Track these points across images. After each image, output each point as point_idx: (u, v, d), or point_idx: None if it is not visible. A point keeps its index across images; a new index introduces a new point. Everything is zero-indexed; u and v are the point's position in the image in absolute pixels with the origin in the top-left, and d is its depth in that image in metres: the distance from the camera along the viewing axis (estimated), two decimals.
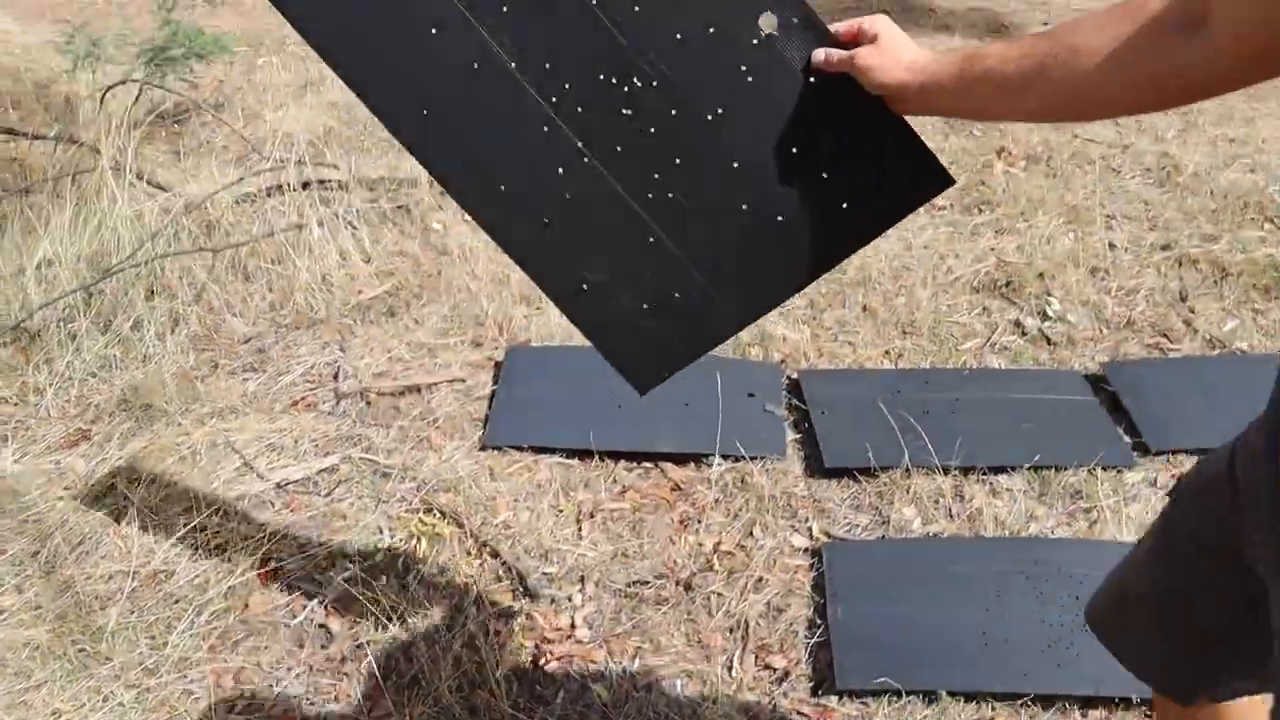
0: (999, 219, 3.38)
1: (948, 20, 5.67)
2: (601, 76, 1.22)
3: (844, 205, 1.26)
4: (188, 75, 4.34)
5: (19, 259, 3.13)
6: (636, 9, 1.20)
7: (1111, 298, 2.96)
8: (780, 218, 1.27)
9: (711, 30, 1.21)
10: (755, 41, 1.21)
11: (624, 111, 1.24)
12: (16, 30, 6.05)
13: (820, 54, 1.19)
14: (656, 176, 1.26)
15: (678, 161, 1.26)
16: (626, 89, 1.23)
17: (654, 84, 1.23)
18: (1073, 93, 0.97)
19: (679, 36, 1.21)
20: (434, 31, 1.20)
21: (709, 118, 1.24)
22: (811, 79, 1.21)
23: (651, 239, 1.29)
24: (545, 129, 1.24)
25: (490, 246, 3.29)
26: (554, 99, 1.23)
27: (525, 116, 1.24)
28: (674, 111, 1.24)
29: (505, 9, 1.20)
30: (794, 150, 1.24)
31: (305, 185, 3.40)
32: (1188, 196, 3.51)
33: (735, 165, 1.25)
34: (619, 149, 1.25)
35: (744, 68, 1.22)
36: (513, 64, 1.22)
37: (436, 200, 3.48)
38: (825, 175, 1.25)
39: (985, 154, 3.85)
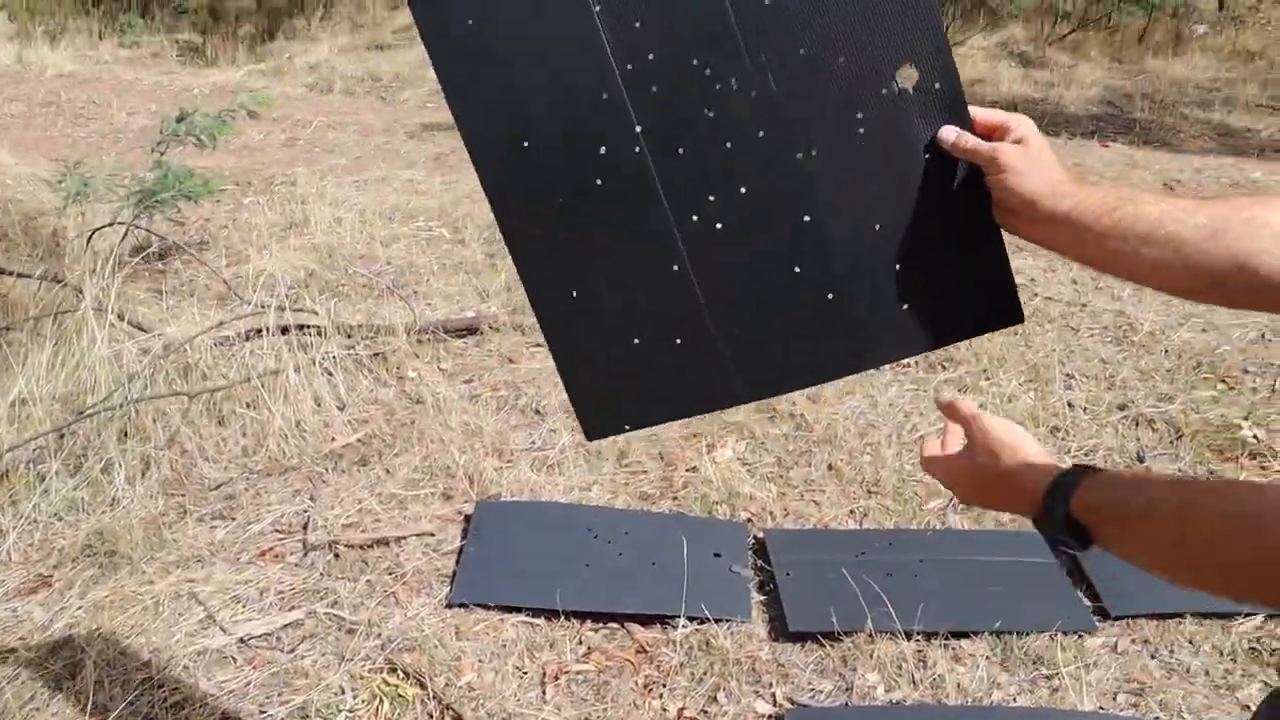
0: (962, 376, 3.47)
1: None
2: (695, 58, 1.06)
3: (904, 306, 1.11)
4: (175, 215, 4.45)
5: None
6: (768, 1, 1.05)
7: (1071, 457, 3.03)
8: (830, 296, 1.11)
9: (841, 60, 1.05)
10: (884, 91, 1.06)
11: (706, 111, 1.07)
12: (10, 162, 6.18)
13: (952, 133, 1.05)
14: (710, 198, 1.09)
15: (742, 190, 1.09)
16: (719, 85, 1.07)
17: (752, 91, 1.06)
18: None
19: (803, 52, 1.05)
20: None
21: (798, 155, 1.08)
22: (927, 155, 1.07)
23: (675, 266, 1.11)
24: (605, 95, 1.08)
25: (464, 397, 3.35)
26: (629, 65, 1.07)
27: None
28: (762, 133, 1.07)
29: None
30: (877, 227, 1.09)
31: (284, 330, 3.46)
32: (1143, 355, 3.63)
33: (805, 219, 1.10)
34: (680, 147, 1.09)
35: (860, 115, 1.06)
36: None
37: (413, 348, 3.54)
38: (898, 267, 1.10)
39: None
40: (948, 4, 9.12)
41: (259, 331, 3.48)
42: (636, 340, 1.13)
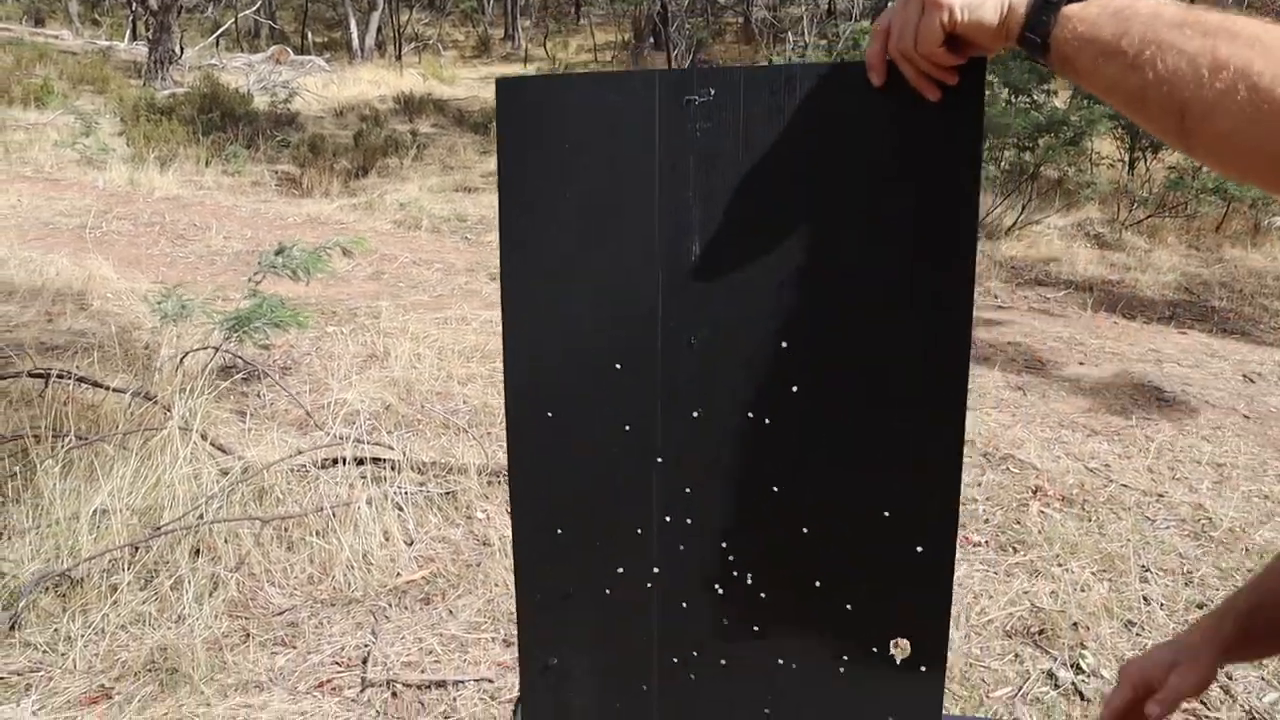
0: (1033, 561, 3.41)
1: (987, 353, 5.92)
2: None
3: None
4: (261, 340, 4.62)
5: (76, 505, 3.24)
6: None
7: None
8: None
9: (849, 608, 1.16)
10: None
11: (717, 589, 1.20)
12: (113, 277, 6.49)
13: None
14: (695, 653, 1.23)
15: (721, 662, 1.22)
16: (739, 585, 1.19)
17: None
18: None
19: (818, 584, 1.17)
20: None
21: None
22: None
23: (645, 686, 1.25)
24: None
25: None
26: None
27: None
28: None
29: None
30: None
31: (359, 462, 3.53)
32: (1223, 553, 3.53)
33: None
34: (684, 603, 1.21)
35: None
36: None
37: (483, 489, 3.58)
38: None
39: (1021, 491, 3.93)
40: (1025, 183, 9.28)
41: (335, 461, 3.56)
42: (594, 718, 1.27)
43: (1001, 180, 9.30)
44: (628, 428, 1.19)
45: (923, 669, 1.14)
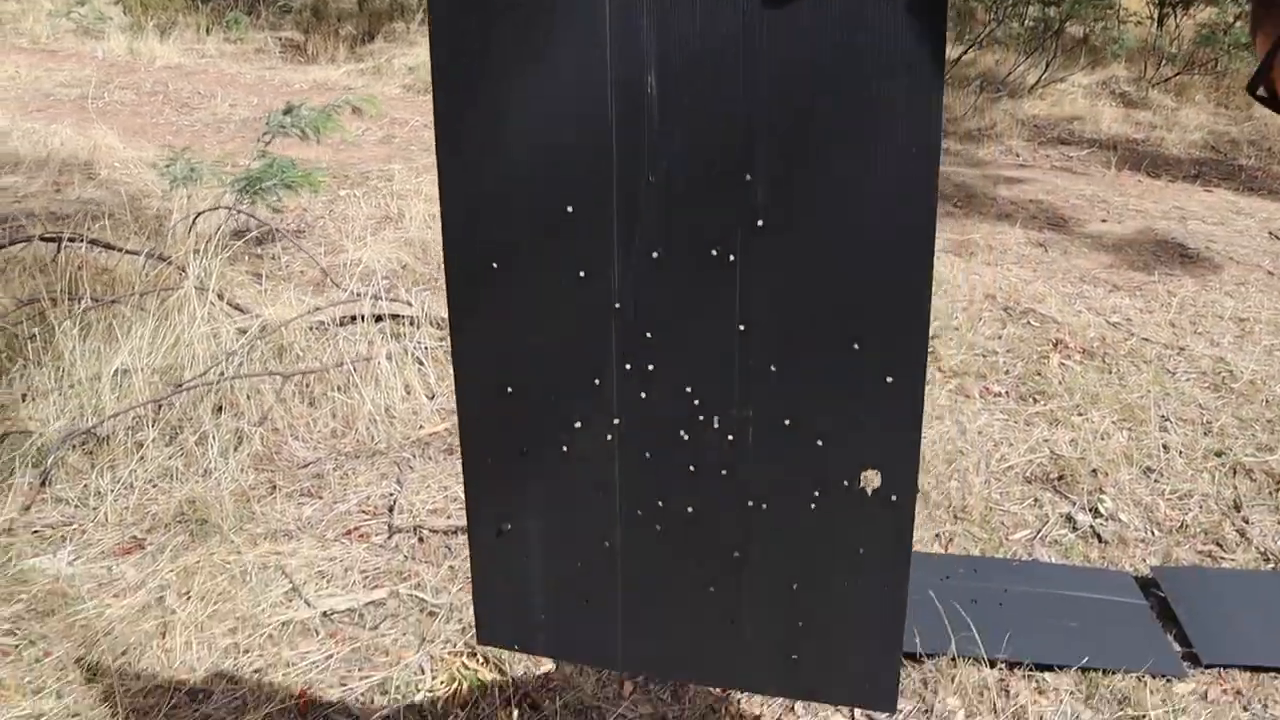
0: (1053, 411, 3.40)
1: (1009, 210, 5.83)
2: (690, 385, 1.14)
3: (792, 656, 1.21)
4: (275, 203, 4.56)
5: (97, 366, 3.25)
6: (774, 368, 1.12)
7: (1164, 500, 2.95)
8: (731, 621, 1.21)
9: (819, 444, 1.13)
10: (845, 484, 1.15)
11: (681, 433, 1.17)
12: (119, 146, 6.40)
13: None
14: (659, 503, 1.20)
15: (688, 509, 1.19)
16: (702, 416, 1.15)
17: (730, 436, 1.15)
18: None
19: (787, 422, 1.14)
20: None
21: (749, 503, 1.18)
22: (861, 550, 1.17)
23: (607, 543, 1.22)
24: (597, 381, 1.17)
25: None
26: (627, 364, 1.16)
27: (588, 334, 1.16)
28: (724, 471, 1.17)
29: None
30: (794, 586, 1.19)
31: (378, 319, 3.52)
32: (1243, 404, 3.52)
33: (735, 555, 1.19)
34: (648, 452, 1.18)
35: (817, 494, 1.15)
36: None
37: None
38: (800, 624, 1.20)
39: (1042, 345, 3.91)
40: (1049, 40, 8.98)
41: (353, 318, 3.55)
42: (549, 587, 1.25)
43: (1025, 37, 9.02)
44: (582, 274, 1.13)
45: (893, 498, 1.12)
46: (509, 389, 1.19)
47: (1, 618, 2.39)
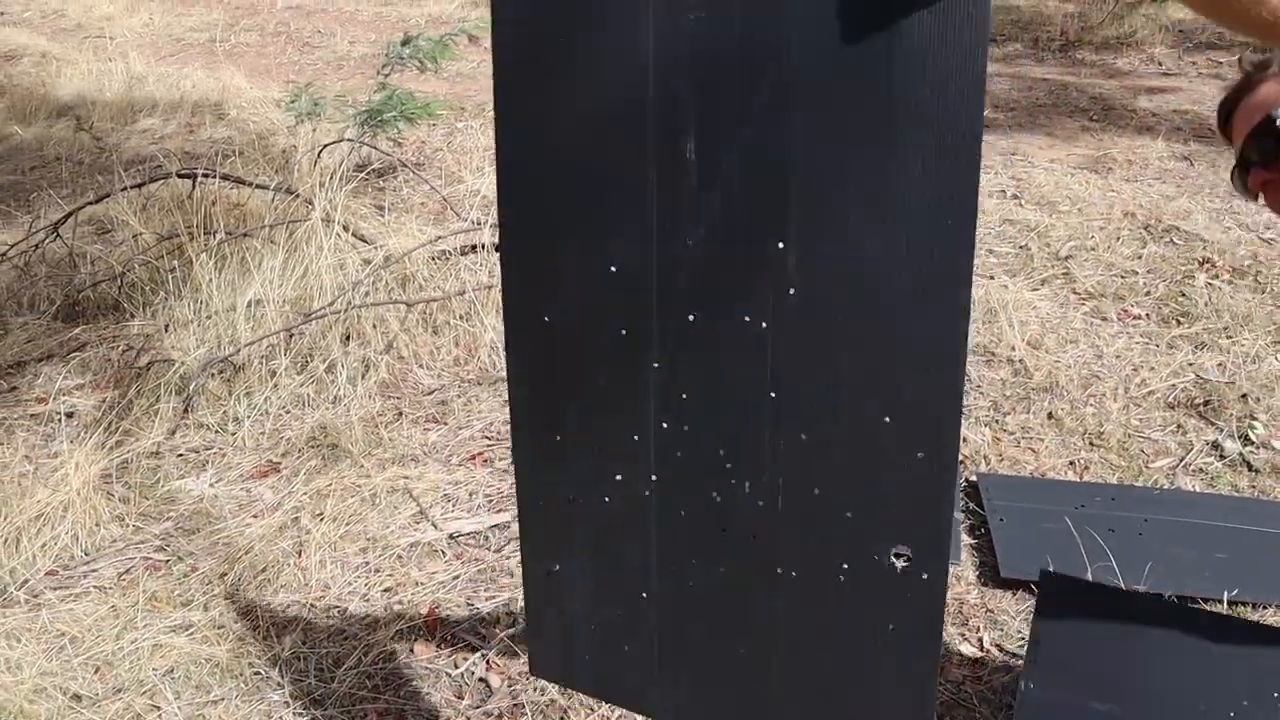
0: (1199, 333, 3.22)
1: (1150, 123, 5.50)
2: (722, 449, 1.15)
3: (821, 700, 1.21)
4: (395, 135, 4.61)
5: (232, 297, 3.36)
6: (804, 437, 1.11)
7: None
8: (760, 671, 1.21)
9: (849, 515, 1.11)
10: (876, 557, 1.12)
11: (714, 495, 1.17)
12: (245, 86, 6.56)
13: None
14: (693, 561, 1.21)
15: (720, 572, 1.20)
16: (734, 479, 1.16)
17: (759, 501, 1.15)
18: None
19: (816, 492, 1.12)
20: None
21: (778, 570, 1.17)
22: (890, 627, 1.13)
23: (644, 594, 1.26)
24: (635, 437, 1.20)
25: None
26: (663, 423, 1.18)
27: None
28: (751, 554, 1.17)
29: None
30: (824, 657, 1.18)
31: (499, 247, 3.53)
32: None
33: (762, 623, 1.19)
34: (683, 510, 1.20)
35: (846, 566, 1.12)
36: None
37: None
38: (831, 686, 1.19)
39: (1186, 264, 3.69)
40: None
41: (474, 248, 3.57)
42: (592, 629, 1.30)
43: None
44: (624, 331, 1.16)
45: (924, 576, 1.08)
46: (558, 437, 1.25)
47: (153, 534, 2.51)
